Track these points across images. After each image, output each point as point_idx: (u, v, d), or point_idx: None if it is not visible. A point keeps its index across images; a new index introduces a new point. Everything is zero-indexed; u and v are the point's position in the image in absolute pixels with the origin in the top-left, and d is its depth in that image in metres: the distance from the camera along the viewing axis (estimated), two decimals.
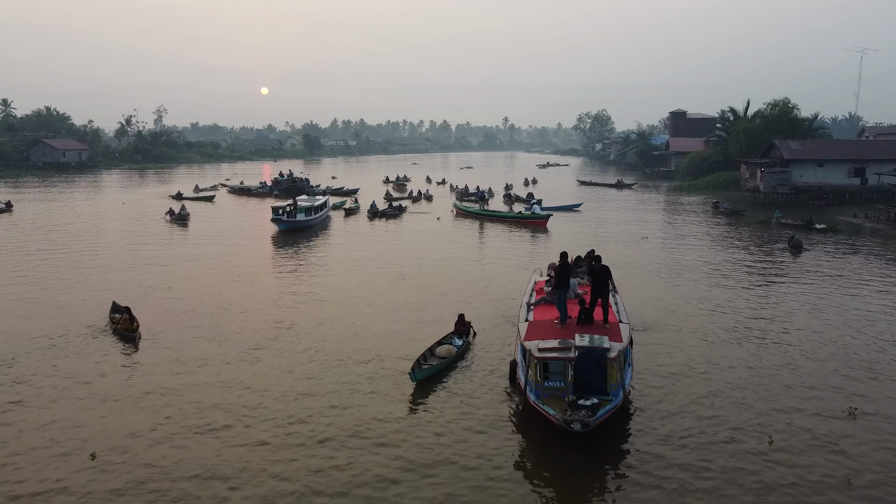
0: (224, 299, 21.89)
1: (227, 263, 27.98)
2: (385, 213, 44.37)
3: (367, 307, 20.92)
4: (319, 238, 35.68)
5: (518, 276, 24.85)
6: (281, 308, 20.87)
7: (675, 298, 22.04)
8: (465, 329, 16.90)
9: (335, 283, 24.48)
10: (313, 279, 25.15)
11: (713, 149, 77.83)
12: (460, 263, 28.06)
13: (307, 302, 21.69)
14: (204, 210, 48.65)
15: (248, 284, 24.23)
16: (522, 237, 35.82)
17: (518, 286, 22.76)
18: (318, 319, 19.50)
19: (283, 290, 23.35)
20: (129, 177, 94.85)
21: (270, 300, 21.91)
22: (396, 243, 33.62)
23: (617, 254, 29.90)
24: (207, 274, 25.86)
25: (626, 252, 30.59)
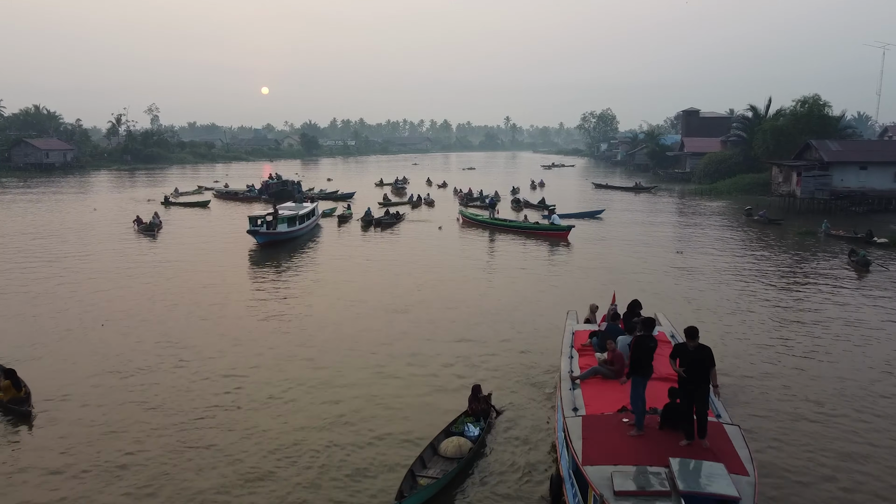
0: (173, 343, 17.14)
1: (185, 290, 23.18)
2: (381, 222, 39.57)
3: (353, 357, 16.15)
4: (303, 254, 30.86)
5: (545, 310, 20.06)
6: (243, 358, 16.09)
7: (743, 342, 17.24)
8: (482, 408, 12.07)
9: (316, 321, 19.63)
10: (289, 313, 20.31)
11: (732, 149, 73.06)
12: (470, 290, 23.23)
13: (279, 347, 16.92)
14: (184, 218, 43.88)
15: (207, 322, 19.42)
16: (541, 253, 30.96)
17: (548, 328, 18.02)
18: (288, 379, 14.73)
19: (248, 331, 18.54)
20: (115, 178, 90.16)
21: (231, 345, 17.12)
22: (393, 261, 28.82)
23: (654, 278, 25.11)
24: (158, 305, 21.04)
25: (665, 275, 25.77)
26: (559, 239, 33.89)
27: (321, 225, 40.61)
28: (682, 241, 33.97)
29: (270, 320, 19.49)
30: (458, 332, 18.08)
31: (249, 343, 17.23)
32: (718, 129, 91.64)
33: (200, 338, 17.73)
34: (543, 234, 35.09)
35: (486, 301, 21.60)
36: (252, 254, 30.53)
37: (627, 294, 21.26)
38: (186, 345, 17.03)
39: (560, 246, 32.61)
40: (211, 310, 20.52)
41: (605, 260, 28.65)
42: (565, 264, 28.04)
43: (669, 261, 28.61)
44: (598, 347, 12.35)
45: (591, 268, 26.97)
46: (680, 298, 21.80)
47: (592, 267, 27.17)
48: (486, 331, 18.12)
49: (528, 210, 48.66)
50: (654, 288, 23.24)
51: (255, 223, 31.92)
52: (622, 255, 29.78)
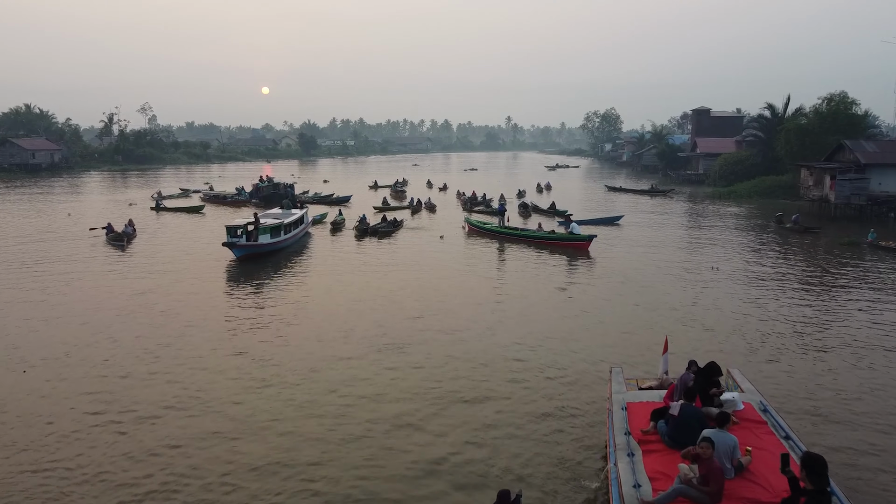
0: (113, 397, 13.52)
1: (140, 318, 19.52)
2: (377, 231, 35.88)
3: (340, 424, 12.50)
4: (287, 270, 27.15)
5: (578, 355, 16.32)
6: (191, 422, 12.46)
7: (839, 401, 13.57)
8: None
9: (290, 367, 15.99)
10: (262, 356, 16.62)
11: (749, 150, 69.39)
12: (480, 321, 19.52)
13: (245, 403, 13.27)
14: (166, 225, 40.20)
15: (158, 362, 15.75)
16: (560, 268, 27.19)
17: (586, 382, 14.31)
18: (249, 459, 11.08)
19: (206, 381, 14.88)
20: (103, 180, 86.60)
21: (181, 400, 13.47)
22: (389, 279, 25.15)
23: (693, 300, 21.40)
24: (100, 341, 17.34)
25: (705, 298, 22.09)
26: (579, 250, 30.20)
27: (311, 233, 36.93)
28: (713, 254, 30.29)
29: (233, 366, 15.80)
30: (468, 387, 14.35)
31: (200, 406, 13.49)
32: (730, 129, 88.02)
33: (143, 389, 14.05)
34: (561, 244, 31.30)
35: (500, 336, 17.89)
36: (229, 270, 26.83)
37: (669, 327, 17.75)
38: (124, 401, 13.37)
39: (581, 259, 28.88)
40: (164, 346, 16.83)
41: (634, 277, 24.94)
42: (590, 284, 24.20)
43: (705, 278, 24.93)
44: (669, 440, 8.71)
45: (621, 288, 23.26)
46: (732, 332, 18.10)
47: (621, 286, 23.47)
48: (503, 386, 14.37)
49: (538, 216, 45.00)
50: (695, 315, 19.58)
51: (234, 234, 28.20)
52: (651, 271, 26.09)
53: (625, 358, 15.43)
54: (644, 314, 19.60)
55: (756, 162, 65.31)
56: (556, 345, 16.92)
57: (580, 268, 27.19)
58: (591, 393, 13.64)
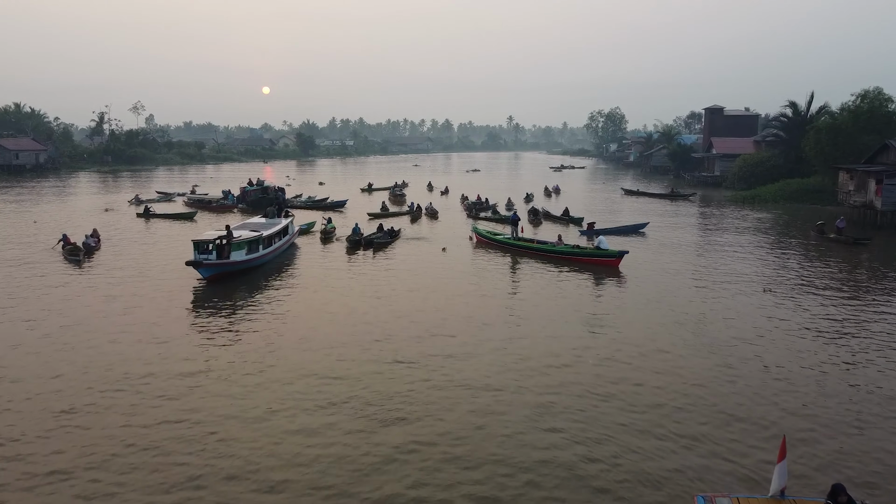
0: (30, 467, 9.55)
1: (76, 363, 15.52)
2: (371, 242, 31.85)
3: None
4: (264, 293, 23.04)
5: (628, 456, 12.30)
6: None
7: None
8: None
9: (256, 431, 12.01)
10: (223, 418, 12.66)
11: (770, 151, 65.33)
12: (494, 375, 15.52)
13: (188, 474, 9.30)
14: (141, 234, 36.14)
15: (90, 416, 11.76)
16: (587, 291, 23.05)
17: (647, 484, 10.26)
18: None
19: (152, 445, 10.89)
20: (90, 182, 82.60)
21: (119, 470, 9.50)
22: (382, 307, 21.12)
23: (757, 335, 17.35)
24: (18, 396, 13.37)
25: (773, 334, 18.06)
26: (608, 268, 26.16)
27: (297, 244, 32.89)
28: (758, 270, 26.23)
29: (169, 450, 11.79)
30: (493, 472, 10.36)
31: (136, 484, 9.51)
32: (745, 129, 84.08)
33: (70, 447, 10.05)
34: (586, 260, 27.18)
35: (526, 395, 13.88)
36: (196, 292, 22.78)
37: (758, 398, 12.78)
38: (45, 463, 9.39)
39: (610, 279, 24.81)
40: (73, 413, 12.81)
41: (678, 304, 20.84)
42: (628, 315, 19.84)
43: (759, 304, 20.90)
44: None
45: (667, 320, 19.19)
46: (820, 393, 14.08)
47: (668, 318, 19.39)
48: (528, 491, 10.35)
49: (551, 224, 40.99)
50: (765, 357, 15.55)
51: (203, 249, 24.10)
52: (697, 296, 22.00)
53: (710, 462, 11.31)
54: (715, 375, 15.01)
55: (778, 163, 61.32)
56: (598, 422, 12.85)
57: (611, 291, 23.07)
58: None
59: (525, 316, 19.65)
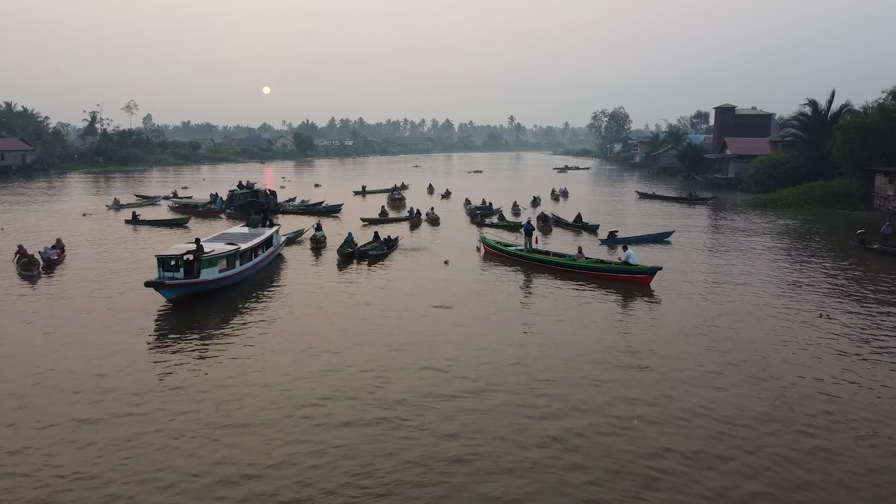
0: None
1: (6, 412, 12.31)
2: (366, 254, 28.59)
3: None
4: (239, 319, 19.73)
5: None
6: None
7: None
8: None
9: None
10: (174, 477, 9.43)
11: (789, 151, 61.98)
12: (514, 437, 12.31)
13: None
14: (117, 244, 32.88)
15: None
16: (617, 316, 19.75)
17: None
18: None
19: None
20: (78, 183, 79.48)
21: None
22: (377, 337, 17.88)
23: (829, 374, 14.08)
24: None
25: (846, 373, 14.82)
26: (638, 286, 22.85)
27: (284, 256, 29.64)
28: (804, 289, 22.96)
29: None
30: None
31: None
32: (758, 128, 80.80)
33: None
34: (612, 277, 23.89)
35: (558, 473, 10.64)
36: (158, 319, 19.49)
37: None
38: None
39: (641, 299, 21.51)
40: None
41: (728, 337, 17.52)
42: (671, 355, 16.36)
43: (820, 335, 17.64)
44: None
45: (718, 359, 15.91)
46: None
47: (716, 354, 16.12)
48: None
49: (564, 232, 37.72)
50: (858, 424, 12.32)
51: (168, 266, 20.79)
52: (748, 325, 18.70)
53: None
54: (808, 453, 11.79)
55: (798, 165, 58.04)
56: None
57: (645, 317, 19.72)
58: None
59: (546, 352, 16.35)
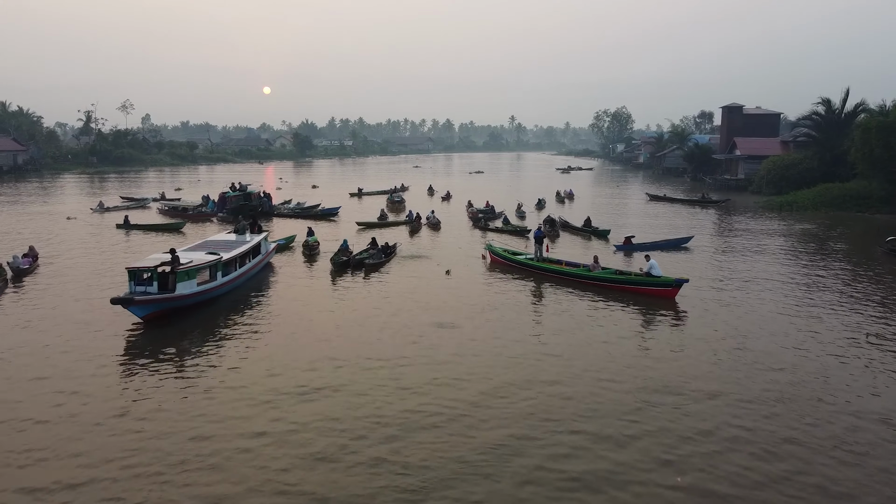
0: None
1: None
2: (361, 262, 26.56)
3: None
4: (219, 339, 17.70)
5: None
6: None
7: None
8: None
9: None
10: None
11: (802, 152, 59.90)
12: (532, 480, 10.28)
13: None
14: (98, 250, 30.88)
15: None
16: (639, 335, 17.71)
17: None
18: None
19: None
20: (69, 184, 77.55)
21: None
22: (372, 362, 15.85)
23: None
24: None
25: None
26: (661, 299, 20.75)
27: (273, 265, 27.60)
28: (841, 304, 20.91)
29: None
30: None
31: None
32: (766, 128, 78.59)
33: None
34: (632, 289, 21.71)
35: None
36: (128, 339, 17.43)
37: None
38: None
39: (665, 315, 19.42)
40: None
41: (768, 362, 15.45)
42: (705, 380, 14.59)
43: (870, 359, 15.61)
44: None
45: (762, 389, 13.86)
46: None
47: (759, 383, 14.08)
48: None
49: (569, 234, 35.69)
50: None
51: (139, 279, 18.75)
52: (787, 349, 16.66)
53: None
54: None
55: (812, 166, 56.01)
56: None
57: (671, 336, 17.57)
58: None
59: (562, 378, 14.30)
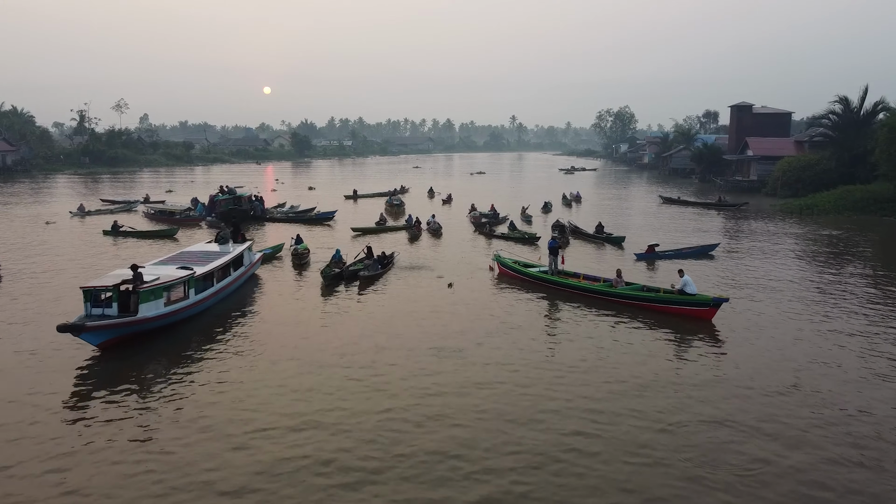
0: None
1: None
2: (355, 275, 24.06)
3: None
4: (190, 368, 15.24)
5: None
6: None
7: None
8: None
9: None
10: None
11: (818, 153, 57.38)
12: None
13: None
14: (83, 259, 28.38)
15: None
16: (676, 367, 15.30)
17: None
18: None
19: None
20: (59, 185, 74.89)
21: None
22: (362, 393, 13.40)
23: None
24: None
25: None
26: (697, 320, 18.23)
27: (259, 276, 25.11)
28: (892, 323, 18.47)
29: None
30: None
31: None
32: (777, 128, 76.19)
33: None
34: (664, 309, 19.05)
35: None
36: (82, 371, 14.95)
37: None
38: None
39: (704, 340, 16.92)
40: None
41: (825, 395, 13.06)
42: (767, 421, 12.24)
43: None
44: None
45: (832, 441, 11.44)
46: None
47: (827, 432, 11.66)
48: None
49: (581, 242, 33.16)
50: None
51: (96, 300, 16.25)
52: (844, 376, 14.22)
53: None
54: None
55: (829, 167, 53.55)
56: None
57: (714, 367, 15.05)
58: None
59: (585, 429, 11.85)
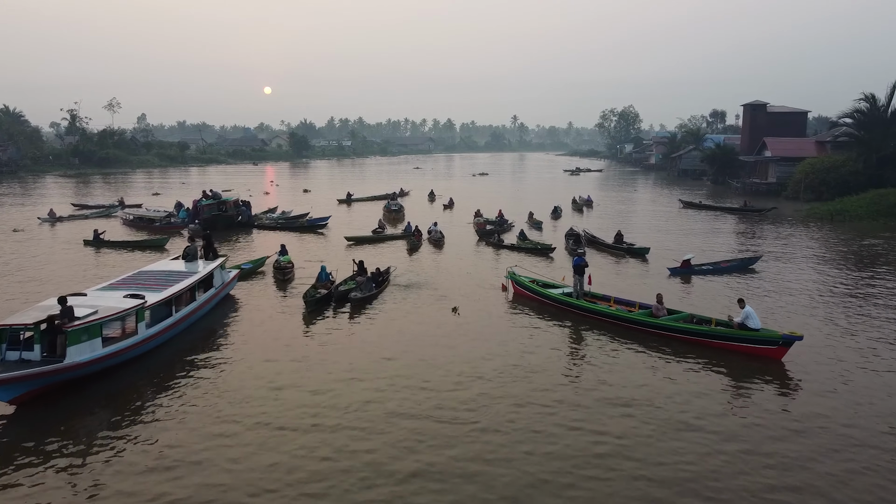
0: None
1: None
2: (345, 297, 20.68)
3: None
4: (130, 421, 11.93)
5: None
6: None
7: None
8: None
9: None
10: None
11: (842, 154, 53.99)
12: None
13: None
14: (65, 271, 25.05)
15: None
16: (743, 423, 11.90)
17: None
18: None
19: None
20: (45, 187, 71.84)
21: None
22: (352, 462, 10.07)
23: None
24: None
25: None
26: (765, 359, 14.84)
27: (234, 297, 21.75)
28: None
29: None
30: None
31: None
32: (793, 128, 72.85)
33: None
34: (721, 345, 15.56)
35: None
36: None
37: None
38: None
39: (772, 384, 13.60)
40: None
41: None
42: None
43: None
44: None
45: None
46: None
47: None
48: None
49: (598, 252, 29.80)
50: None
51: (13, 341, 12.91)
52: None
53: None
54: None
55: (856, 169, 50.16)
56: None
57: (797, 426, 11.83)
58: None
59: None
